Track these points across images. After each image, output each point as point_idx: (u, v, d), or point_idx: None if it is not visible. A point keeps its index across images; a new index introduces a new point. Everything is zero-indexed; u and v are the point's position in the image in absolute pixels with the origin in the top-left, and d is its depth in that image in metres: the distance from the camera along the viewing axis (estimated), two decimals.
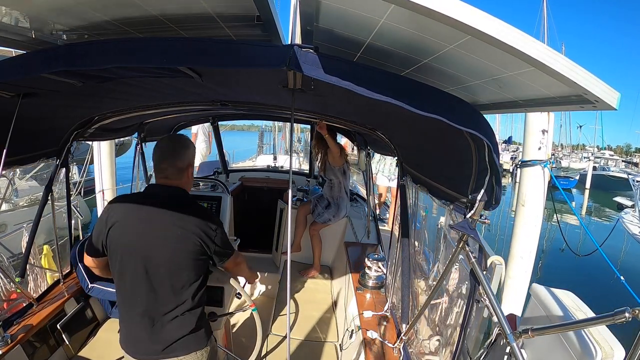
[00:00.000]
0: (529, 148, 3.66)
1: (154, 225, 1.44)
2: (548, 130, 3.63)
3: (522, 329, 1.25)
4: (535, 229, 3.68)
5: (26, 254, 2.36)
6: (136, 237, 1.44)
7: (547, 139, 3.63)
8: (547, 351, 1.60)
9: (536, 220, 3.68)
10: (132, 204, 1.49)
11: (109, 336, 2.39)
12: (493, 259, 1.36)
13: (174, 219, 1.44)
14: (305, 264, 3.93)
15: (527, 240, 3.68)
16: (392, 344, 2.06)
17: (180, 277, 1.46)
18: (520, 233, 3.69)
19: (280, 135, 15.51)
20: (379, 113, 1.81)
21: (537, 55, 0.83)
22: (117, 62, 1.06)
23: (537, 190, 3.61)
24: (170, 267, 1.44)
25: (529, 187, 3.63)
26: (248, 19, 1.32)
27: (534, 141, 3.63)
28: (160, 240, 1.43)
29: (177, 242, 1.43)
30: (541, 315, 1.74)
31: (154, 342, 1.47)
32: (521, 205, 3.67)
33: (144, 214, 1.45)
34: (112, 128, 2.62)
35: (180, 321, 1.47)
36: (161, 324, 1.46)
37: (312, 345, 2.69)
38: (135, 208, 1.47)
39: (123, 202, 1.53)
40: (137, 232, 1.44)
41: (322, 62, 0.96)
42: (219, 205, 2.42)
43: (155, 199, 1.48)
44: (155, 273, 1.44)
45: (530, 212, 3.64)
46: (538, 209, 3.64)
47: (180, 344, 1.48)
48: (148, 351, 1.49)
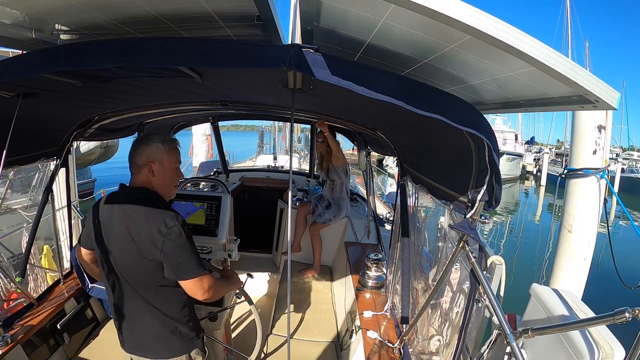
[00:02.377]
0: (580, 151, 2.73)
1: (115, 226, 1.42)
2: (606, 126, 2.67)
3: (522, 329, 1.25)
4: (584, 263, 2.76)
5: (26, 254, 2.36)
6: (104, 237, 1.44)
7: (604, 139, 2.67)
8: (547, 351, 1.60)
9: (586, 250, 2.71)
10: (106, 205, 1.47)
11: (109, 336, 2.39)
12: (493, 259, 1.36)
13: (127, 219, 1.40)
14: (305, 264, 3.93)
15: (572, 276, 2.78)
16: (392, 344, 2.06)
17: (138, 279, 1.43)
18: (563, 266, 2.78)
19: (280, 135, 15.52)
20: (379, 113, 1.81)
21: (537, 55, 0.83)
22: (117, 62, 1.06)
23: (589, 210, 2.67)
24: (128, 268, 1.43)
25: (578, 205, 2.70)
26: (248, 19, 1.33)
27: (587, 142, 2.67)
28: (118, 241, 1.41)
29: (127, 244, 1.39)
30: (541, 315, 1.74)
31: (130, 338, 1.52)
32: (567, 230, 2.75)
33: (108, 214, 1.44)
34: (112, 128, 2.62)
35: (148, 324, 1.48)
36: (132, 323, 1.49)
37: (312, 345, 2.69)
38: (106, 208, 1.46)
39: (105, 201, 1.50)
40: (104, 232, 1.44)
41: (322, 62, 0.96)
42: (219, 205, 2.41)
43: (118, 199, 1.46)
44: (119, 273, 1.44)
45: (579, 240, 2.71)
46: (589, 235, 2.69)
47: (151, 346, 1.50)
48: (130, 345, 1.54)
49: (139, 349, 1.52)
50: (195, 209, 2.48)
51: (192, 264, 1.40)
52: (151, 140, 1.45)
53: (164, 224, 1.36)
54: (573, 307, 1.66)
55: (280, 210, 4.25)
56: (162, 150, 1.45)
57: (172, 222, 1.37)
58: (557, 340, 1.53)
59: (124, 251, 1.41)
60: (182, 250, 1.38)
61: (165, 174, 1.47)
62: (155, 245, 1.35)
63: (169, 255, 1.36)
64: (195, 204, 2.50)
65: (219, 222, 2.39)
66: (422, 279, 2.26)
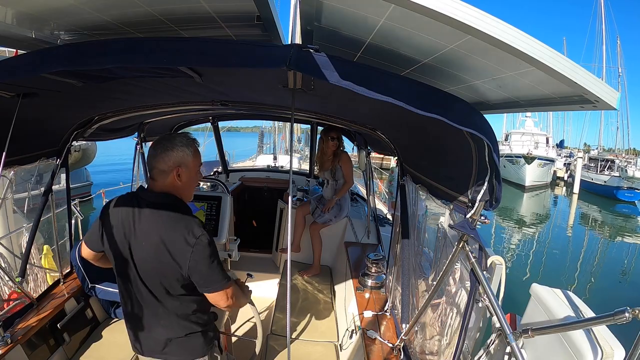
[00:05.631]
0: None
1: (138, 232, 1.39)
2: None
3: (522, 329, 1.24)
4: None
5: (26, 254, 2.36)
6: (123, 241, 1.40)
7: None
8: (547, 351, 1.59)
9: None
10: (123, 208, 1.43)
11: (109, 336, 2.39)
12: (493, 259, 1.36)
13: (153, 226, 1.37)
14: (305, 264, 3.93)
15: None
16: (392, 344, 2.06)
17: (160, 286, 1.40)
18: None
19: (280, 136, 15.53)
20: (379, 113, 1.82)
21: (537, 55, 0.83)
22: (117, 62, 1.06)
23: None
24: (149, 275, 1.40)
25: None
26: (248, 19, 1.33)
27: None
28: (141, 247, 1.38)
29: (151, 251, 1.36)
30: (541, 315, 1.74)
31: (149, 342, 1.50)
32: None
33: (129, 219, 1.40)
34: (112, 128, 2.62)
35: (168, 328, 1.47)
36: (150, 328, 1.48)
37: (312, 345, 2.69)
38: (124, 212, 1.42)
39: (116, 204, 1.46)
40: (126, 236, 1.40)
41: (322, 62, 0.96)
42: (219, 205, 2.42)
43: (139, 203, 1.41)
44: (140, 279, 1.41)
45: None
46: None
47: (173, 350, 1.48)
48: (148, 349, 1.52)
49: (158, 353, 1.50)
50: (195, 209, 2.48)
51: (219, 275, 1.38)
52: (175, 145, 1.39)
53: (192, 233, 1.33)
54: (573, 307, 1.65)
55: (280, 210, 4.25)
56: (187, 154, 1.41)
57: (200, 231, 1.34)
58: (557, 340, 1.53)
59: (147, 258, 1.38)
60: (209, 261, 1.36)
61: (191, 177, 1.44)
62: (183, 255, 1.32)
63: (196, 267, 1.34)
64: (196, 204, 2.51)
65: (219, 222, 2.39)
66: (422, 279, 2.26)
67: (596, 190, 21.76)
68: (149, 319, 1.47)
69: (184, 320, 1.47)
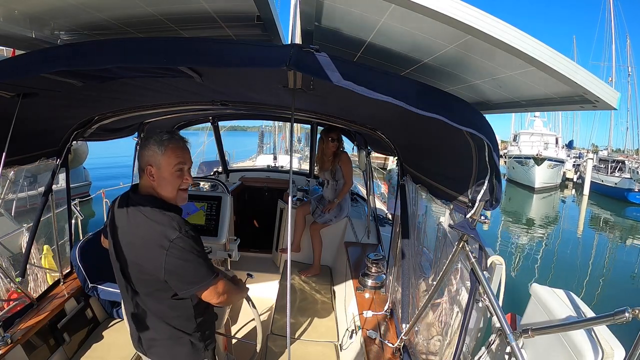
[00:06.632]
0: None
1: (123, 234, 1.39)
2: None
3: (522, 329, 1.24)
4: None
5: (26, 254, 2.36)
6: (117, 242, 1.41)
7: None
8: (547, 351, 1.59)
9: None
10: (118, 208, 1.44)
11: (108, 336, 2.39)
12: (493, 259, 1.35)
13: (132, 229, 1.36)
14: (305, 264, 3.93)
15: None
16: (392, 344, 2.06)
17: (142, 290, 1.40)
18: None
19: (280, 135, 15.52)
20: (379, 113, 1.81)
21: (537, 55, 0.83)
22: (117, 62, 1.06)
23: None
24: (133, 278, 1.40)
25: None
26: (248, 19, 1.33)
27: None
28: (125, 249, 1.37)
29: (131, 254, 1.36)
30: (541, 315, 1.74)
31: (142, 340, 1.51)
32: None
33: (121, 220, 1.41)
34: (112, 128, 2.62)
35: (156, 330, 1.46)
36: (141, 327, 1.48)
37: (312, 345, 2.69)
38: (119, 212, 1.43)
39: (118, 201, 1.46)
40: (119, 237, 1.41)
41: (323, 62, 0.96)
42: (219, 205, 2.41)
43: (127, 203, 1.41)
44: (127, 280, 1.42)
45: None
46: None
47: (159, 352, 1.48)
48: (140, 346, 1.53)
49: (146, 351, 1.51)
50: (195, 209, 2.48)
51: (203, 272, 1.34)
52: (147, 144, 1.37)
53: (165, 237, 1.28)
54: (573, 307, 1.65)
55: (280, 210, 4.25)
56: (157, 152, 1.35)
57: (174, 233, 1.28)
58: (557, 340, 1.53)
59: (129, 259, 1.37)
60: (187, 263, 1.30)
61: (162, 176, 1.37)
62: (158, 259, 1.28)
63: (175, 270, 1.29)
64: (196, 204, 2.50)
65: (219, 222, 2.39)
66: (422, 279, 2.26)
67: (606, 192, 21.11)
68: (137, 317, 1.48)
69: (165, 323, 1.44)
